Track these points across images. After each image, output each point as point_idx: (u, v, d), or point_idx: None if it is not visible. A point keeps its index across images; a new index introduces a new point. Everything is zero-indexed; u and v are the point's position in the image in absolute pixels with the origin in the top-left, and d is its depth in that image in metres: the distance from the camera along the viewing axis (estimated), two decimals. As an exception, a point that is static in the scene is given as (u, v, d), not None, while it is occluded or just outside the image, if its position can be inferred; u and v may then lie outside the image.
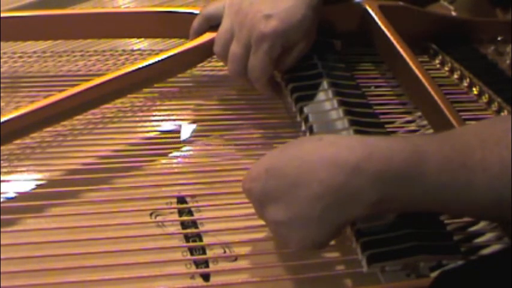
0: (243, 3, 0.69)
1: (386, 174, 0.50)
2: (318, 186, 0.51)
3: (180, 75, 0.78)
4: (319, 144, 0.54)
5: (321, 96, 0.71)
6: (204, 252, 0.60)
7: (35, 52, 0.83)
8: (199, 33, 0.75)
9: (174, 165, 0.69)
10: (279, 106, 0.76)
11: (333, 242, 0.58)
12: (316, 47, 0.75)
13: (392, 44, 0.76)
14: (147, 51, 0.84)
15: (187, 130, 0.72)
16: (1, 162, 0.66)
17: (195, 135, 0.72)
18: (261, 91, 0.72)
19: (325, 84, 0.71)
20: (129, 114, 0.75)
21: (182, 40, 0.80)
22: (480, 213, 0.57)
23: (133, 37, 0.84)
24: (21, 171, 0.67)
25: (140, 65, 0.72)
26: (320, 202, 0.51)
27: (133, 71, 0.71)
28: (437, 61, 0.84)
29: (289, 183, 0.52)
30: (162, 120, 0.75)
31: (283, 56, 0.70)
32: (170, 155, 0.70)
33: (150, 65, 0.72)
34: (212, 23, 0.75)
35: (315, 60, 0.74)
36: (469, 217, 0.61)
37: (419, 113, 0.75)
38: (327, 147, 0.53)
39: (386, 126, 0.71)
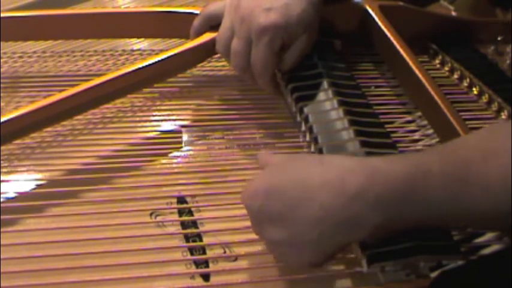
0: (242, 0, 0.69)
1: (388, 197, 0.50)
2: (318, 209, 0.51)
3: (180, 75, 0.78)
4: (320, 167, 0.53)
5: (321, 96, 0.71)
6: (204, 252, 0.60)
7: (35, 52, 0.83)
8: (200, 33, 0.75)
9: (174, 165, 0.69)
10: (280, 106, 0.76)
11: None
12: (316, 47, 0.75)
13: (392, 44, 0.76)
14: (147, 51, 0.84)
15: (188, 134, 0.72)
16: (1, 162, 0.66)
17: (196, 135, 0.72)
18: (264, 88, 0.72)
19: (325, 84, 0.71)
20: (129, 114, 0.75)
21: (182, 40, 0.80)
22: (482, 226, 0.57)
23: (133, 37, 0.84)
24: (21, 171, 0.67)
25: (140, 65, 0.72)
26: (320, 225, 0.51)
27: (133, 71, 0.71)
28: (437, 61, 0.84)
29: (289, 205, 0.52)
30: (162, 120, 0.75)
31: (285, 51, 0.70)
32: (170, 155, 0.70)
33: (150, 65, 0.72)
34: (213, 23, 0.75)
35: (315, 60, 0.74)
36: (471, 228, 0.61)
37: (419, 113, 0.75)
38: (329, 171, 0.52)
39: (387, 126, 0.71)
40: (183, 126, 0.73)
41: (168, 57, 0.73)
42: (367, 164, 0.53)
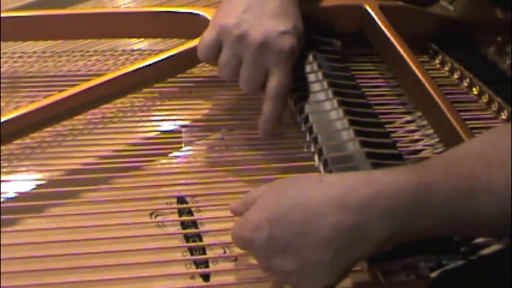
0: (242, 25, 0.66)
1: (394, 211, 0.50)
2: (329, 230, 0.50)
3: (180, 75, 0.78)
4: (321, 186, 0.53)
5: (320, 96, 0.71)
6: (204, 252, 0.60)
7: (35, 52, 0.83)
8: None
9: (174, 165, 0.69)
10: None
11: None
12: (316, 47, 0.76)
13: (392, 44, 0.76)
14: (147, 51, 0.84)
15: (188, 134, 0.72)
16: (1, 162, 0.66)
17: (196, 135, 0.72)
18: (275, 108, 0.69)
19: (325, 84, 0.71)
20: (129, 114, 0.75)
21: (182, 40, 0.80)
22: (489, 233, 0.57)
23: (133, 37, 0.84)
24: (21, 171, 0.67)
25: (140, 65, 0.72)
26: (332, 246, 0.50)
27: (133, 71, 0.71)
28: (437, 61, 0.84)
29: (296, 231, 0.51)
30: (162, 120, 0.75)
31: None
32: (170, 155, 0.70)
33: (150, 65, 0.72)
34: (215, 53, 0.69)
35: (314, 60, 0.74)
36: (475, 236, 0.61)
37: (419, 113, 0.75)
38: (331, 189, 0.52)
39: (387, 126, 0.71)
40: (183, 126, 0.73)
41: (168, 57, 0.73)
42: (370, 179, 0.52)
